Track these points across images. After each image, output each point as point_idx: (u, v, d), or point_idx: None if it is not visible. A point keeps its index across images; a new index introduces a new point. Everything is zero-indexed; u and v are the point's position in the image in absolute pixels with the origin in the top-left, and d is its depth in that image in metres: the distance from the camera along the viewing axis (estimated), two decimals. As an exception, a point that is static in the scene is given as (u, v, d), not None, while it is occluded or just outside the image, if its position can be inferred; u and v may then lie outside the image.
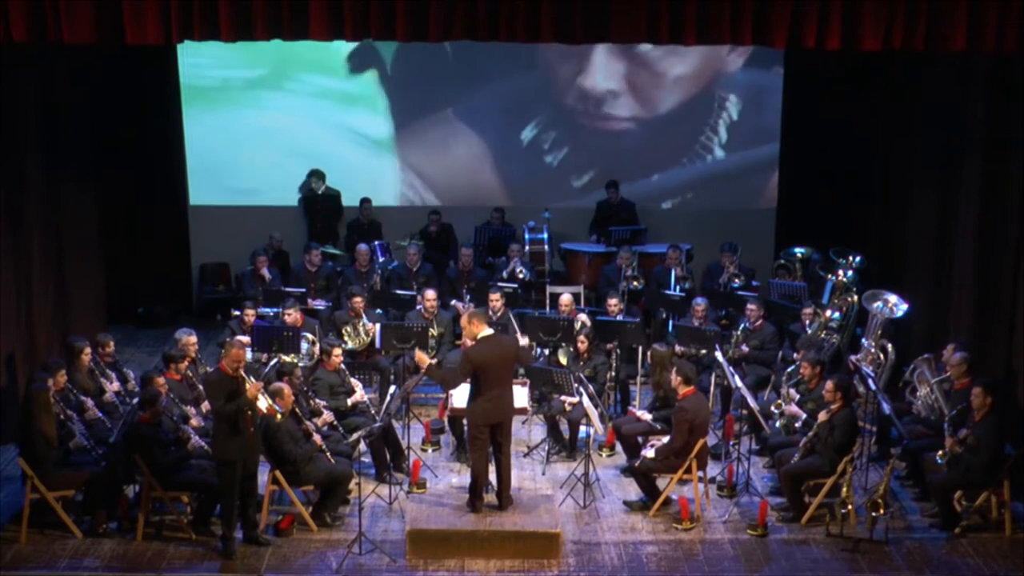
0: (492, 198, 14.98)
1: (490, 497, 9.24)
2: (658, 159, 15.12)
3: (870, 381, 10.17)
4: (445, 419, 10.70)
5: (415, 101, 14.90)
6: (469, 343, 9.07)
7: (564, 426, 10.66)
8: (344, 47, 14.23)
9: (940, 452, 9.28)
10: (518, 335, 9.64)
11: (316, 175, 14.67)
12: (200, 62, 14.20)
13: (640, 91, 14.89)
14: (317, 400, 9.96)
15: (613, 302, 11.83)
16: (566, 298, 11.69)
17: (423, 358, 9.16)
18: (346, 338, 11.55)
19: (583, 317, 11.37)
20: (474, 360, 8.91)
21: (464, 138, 15.00)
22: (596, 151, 15.06)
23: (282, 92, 14.75)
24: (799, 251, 13.56)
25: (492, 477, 9.27)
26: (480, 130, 14.97)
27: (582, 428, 10.46)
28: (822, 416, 9.39)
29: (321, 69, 14.67)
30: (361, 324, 11.67)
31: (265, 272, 13.05)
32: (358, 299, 11.68)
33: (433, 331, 11.49)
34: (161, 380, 9.59)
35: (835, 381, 9.45)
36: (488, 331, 9.01)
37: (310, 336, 11.25)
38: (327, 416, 9.87)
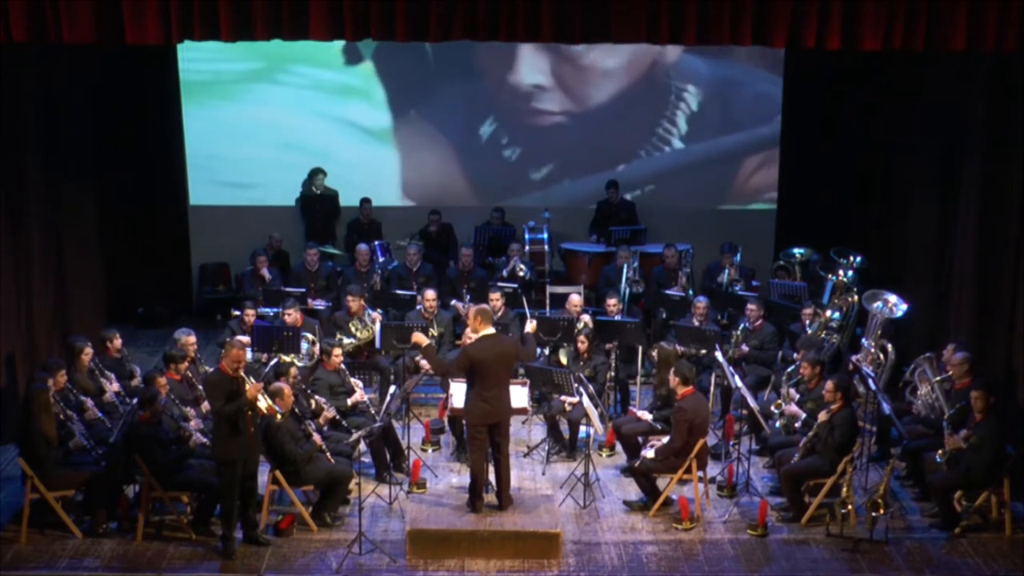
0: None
1: (490, 497, 9.24)
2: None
3: (870, 381, 10.17)
4: (445, 419, 10.70)
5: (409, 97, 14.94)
6: (469, 340, 9.08)
7: (564, 426, 10.66)
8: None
9: (940, 451, 9.28)
10: (530, 323, 9.62)
11: (316, 173, 14.66)
12: (199, 56, 14.13)
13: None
14: (317, 398, 9.96)
15: (612, 302, 11.82)
16: (575, 298, 11.68)
17: (421, 339, 9.16)
18: (353, 331, 11.53)
19: (586, 318, 11.37)
20: (472, 357, 8.92)
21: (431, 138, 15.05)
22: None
23: (283, 89, 14.74)
24: (798, 252, 13.56)
25: (492, 477, 9.27)
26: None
27: (582, 428, 10.46)
28: (822, 416, 9.39)
29: (322, 66, 14.66)
30: (366, 315, 11.66)
31: (265, 272, 13.05)
32: (352, 301, 11.65)
33: (433, 331, 11.48)
34: (163, 380, 9.59)
35: (835, 381, 9.45)
36: (490, 330, 9.01)
37: (310, 336, 11.25)
38: (329, 412, 9.86)
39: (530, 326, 9.65)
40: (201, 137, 14.69)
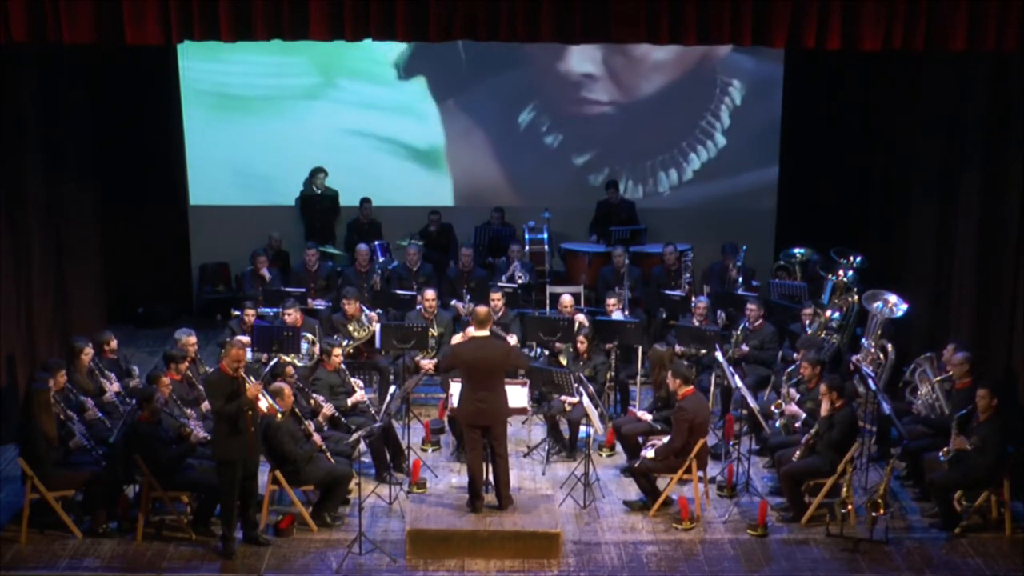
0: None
1: (490, 497, 9.23)
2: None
3: (870, 381, 10.17)
4: (445, 419, 10.70)
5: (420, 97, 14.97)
6: (460, 339, 9.12)
7: (564, 426, 10.66)
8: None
9: (944, 449, 9.25)
10: (512, 338, 9.69)
11: (316, 173, 14.66)
12: (200, 55, 14.20)
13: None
14: (317, 396, 9.95)
15: (612, 302, 11.82)
16: (567, 299, 11.68)
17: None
18: (352, 331, 11.53)
19: (581, 317, 11.36)
20: (458, 355, 9.06)
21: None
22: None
23: (284, 89, 14.76)
24: (799, 252, 13.56)
25: (491, 476, 9.27)
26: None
27: (582, 428, 10.46)
28: (824, 410, 9.36)
29: (321, 65, 14.69)
30: (363, 315, 11.66)
31: (265, 272, 13.05)
32: (348, 304, 11.61)
33: (433, 331, 11.48)
34: (166, 380, 9.60)
35: (827, 383, 9.42)
36: (482, 332, 9.03)
37: (310, 336, 11.25)
38: (328, 409, 9.86)
39: (512, 340, 9.62)
40: (201, 137, 14.70)
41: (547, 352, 11.32)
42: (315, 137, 14.83)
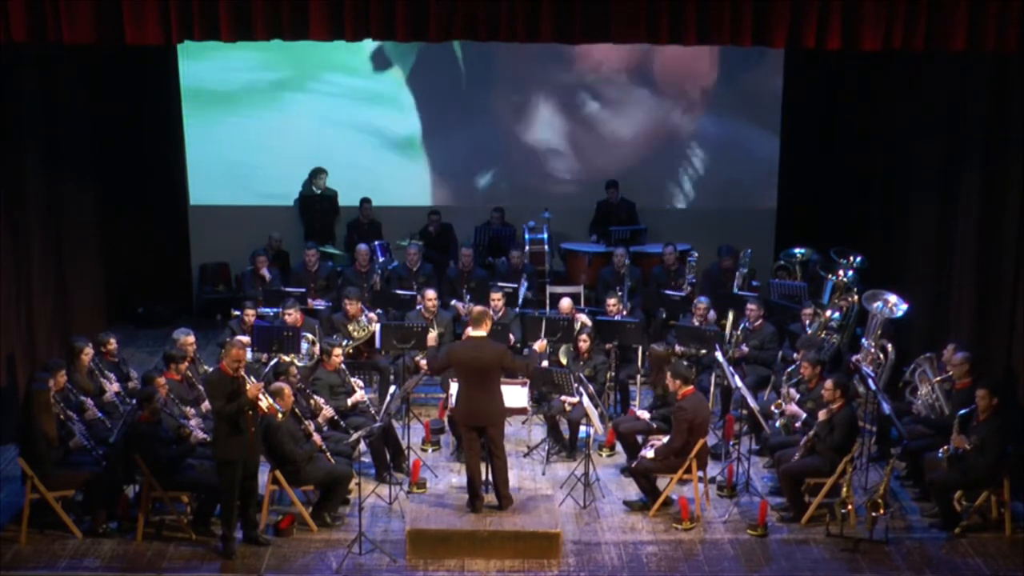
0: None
1: (490, 497, 9.23)
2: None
3: (870, 381, 10.17)
4: (445, 419, 10.69)
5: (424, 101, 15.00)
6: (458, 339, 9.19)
7: (564, 426, 10.66)
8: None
9: (944, 448, 9.25)
10: (540, 342, 9.76)
11: (317, 173, 14.66)
12: (200, 54, 14.21)
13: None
14: (317, 397, 9.96)
15: (612, 302, 11.82)
16: (565, 303, 11.67)
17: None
18: (352, 331, 11.53)
19: (583, 317, 11.37)
20: (451, 355, 9.13)
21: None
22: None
23: (285, 90, 14.77)
24: (799, 252, 13.56)
25: (491, 476, 9.27)
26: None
27: (582, 428, 10.46)
28: (822, 415, 9.39)
29: (323, 63, 14.71)
30: (363, 315, 11.67)
31: (265, 272, 13.05)
32: (350, 304, 11.63)
33: (433, 331, 11.48)
34: (161, 380, 9.59)
35: (835, 380, 9.46)
36: (478, 333, 9.04)
37: (310, 336, 11.25)
38: (328, 411, 9.87)
39: (538, 345, 9.66)
40: (201, 136, 14.71)
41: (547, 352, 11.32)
42: (316, 137, 14.84)
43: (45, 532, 9.15)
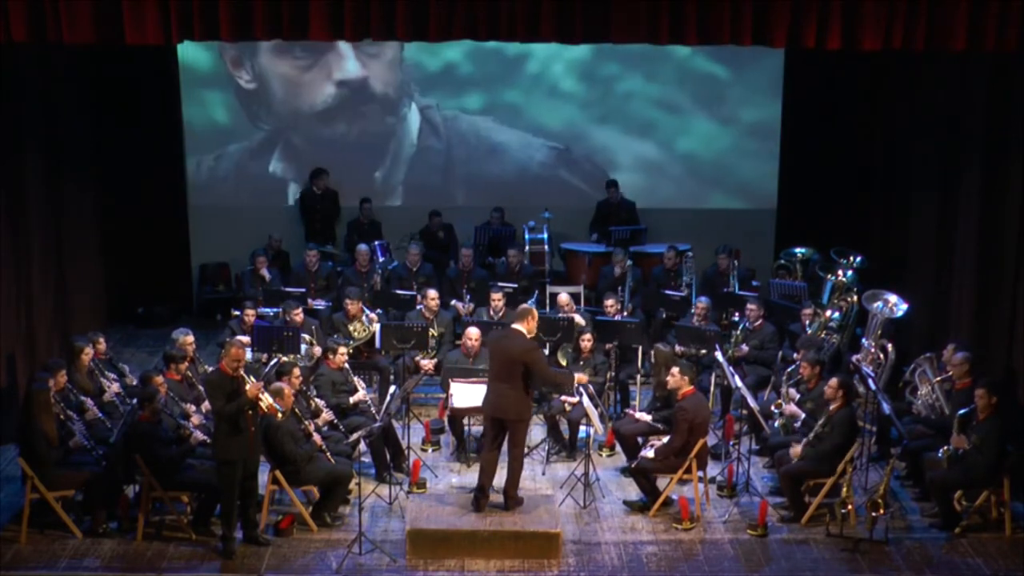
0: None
1: (495, 497, 9.22)
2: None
3: (870, 381, 10.17)
4: (445, 419, 10.69)
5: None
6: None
7: (564, 426, 10.66)
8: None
9: (944, 448, 9.25)
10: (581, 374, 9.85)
11: (318, 173, 14.66)
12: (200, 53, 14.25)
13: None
14: (317, 400, 9.96)
15: (610, 303, 11.81)
16: (564, 298, 11.68)
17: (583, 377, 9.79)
18: (353, 331, 11.54)
19: (577, 318, 11.36)
20: (489, 341, 9.46)
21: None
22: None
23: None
24: (799, 251, 13.55)
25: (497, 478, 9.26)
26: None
27: (582, 428, 10.46)
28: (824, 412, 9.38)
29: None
30: (364, 316, 11.67)
31: (265, 272, 13.05)
32: (351, 304, 11.63)
33: (433, 331, 11.48)
34: (160, 379, 9.58)
35: (839, 379, 9.46)
36: (518, 327, 9.02)
37: (307, 337, 11.24)
38: (327, 415, 9.87)
39: (580, 376, 9.70)
40: (201, 137, 14.73)
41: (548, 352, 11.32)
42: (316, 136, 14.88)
43: (45, 532, 9.14)
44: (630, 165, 15.10)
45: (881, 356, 10.79)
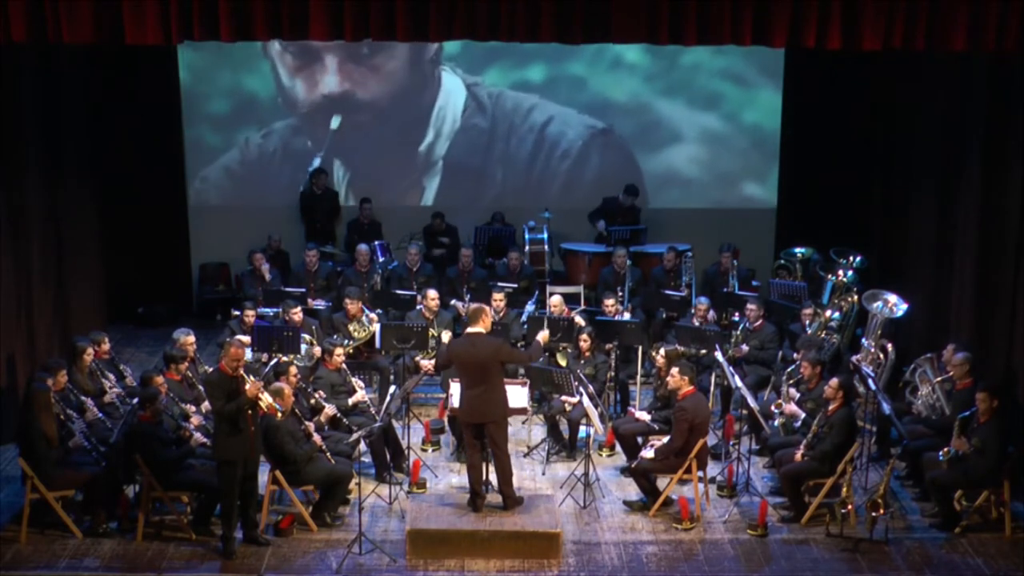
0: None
1: (494, 497, 9.22)
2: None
3: (870, 381, 10.17)
4: (445, 419, 10.70)
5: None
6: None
7: (564, 426, 10.66)
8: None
9: (944, 450, 9.25)
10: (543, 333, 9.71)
11: (318, 173, 14.66)
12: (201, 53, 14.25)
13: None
14: (317, 396, 9.95)
15: (609, 303, 11.81)
16: (555, 299, 11.67)
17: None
18: (352, 331, 11.54)
19: (577, 318, 11.35)
20: (450, 351, 9.18)
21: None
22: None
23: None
24: (799, 251, 13.56)
25: (493, 477, 9.26)
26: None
27: (582, 428, 10.45)
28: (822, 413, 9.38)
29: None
30: (364, 316, 11.67)
31: (265, 272, 13.04)
32: (351, 304, 11.63)
33: (433, 331, 11.48)
34: (160, 379, 9.58)
35: (840, 379, 9.46)
36: (476, 329, 9.04)
37: (307, 337, 11.24)
38: (329, 410, 9.86)
39: (542, 335, 9.63)
40: (201, 135, 14.73)
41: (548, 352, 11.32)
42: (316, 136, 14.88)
43: (45, 532, 9.15)
44: (630, 164, 15.11)
45: (881, 356, 10.79)
